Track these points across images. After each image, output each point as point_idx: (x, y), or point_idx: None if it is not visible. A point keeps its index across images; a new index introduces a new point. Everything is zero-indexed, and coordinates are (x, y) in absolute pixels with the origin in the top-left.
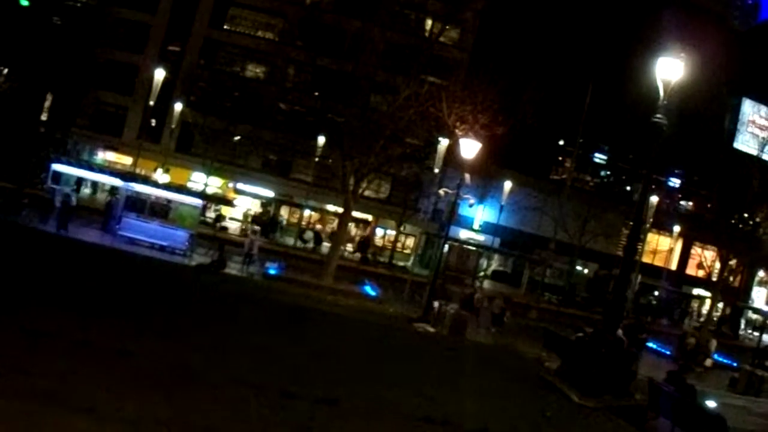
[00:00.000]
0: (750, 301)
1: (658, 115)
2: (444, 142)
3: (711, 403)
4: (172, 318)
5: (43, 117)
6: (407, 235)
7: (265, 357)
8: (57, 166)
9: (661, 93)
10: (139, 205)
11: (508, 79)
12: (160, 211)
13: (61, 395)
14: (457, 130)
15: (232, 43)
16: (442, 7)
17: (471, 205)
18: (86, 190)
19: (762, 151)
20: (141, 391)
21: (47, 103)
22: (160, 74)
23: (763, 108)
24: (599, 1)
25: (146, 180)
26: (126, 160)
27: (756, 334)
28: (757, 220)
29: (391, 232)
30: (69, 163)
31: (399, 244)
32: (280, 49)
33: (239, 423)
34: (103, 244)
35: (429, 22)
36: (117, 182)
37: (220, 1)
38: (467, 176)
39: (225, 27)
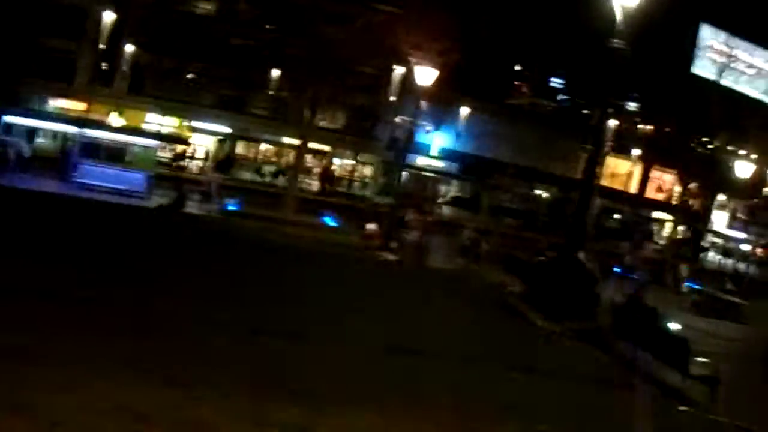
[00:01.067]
0: (710, 225)
1: (616, 40)
2: (399, 71)
3: (673, 326)
4: (133, 262)
5: None
6: (365, 164)
7: (229, 294)
8: (8, 118)
9: (618, 17)
10: (94, 150)
11: (462, 3)
12: (116, 155)
13: (25, 340)
14: (411, 58)
15: None
16: None
17: (428, 132)
18: (41, 140)
19: (720, 76)
20: (104, 337)
21: None
22: (108, 16)
23: (722, 34)
24: None
25: (100, 125)
26: (79, 107)
27: (716, 257)
28: (717, 144)
29: (349, 162)
30: (20, 114)
31: (357, 174)
32: None
33: (209, 362)
34: (59, 193)
35: None
36: (70, 129)
37: None
38: (423, 103)
39: None
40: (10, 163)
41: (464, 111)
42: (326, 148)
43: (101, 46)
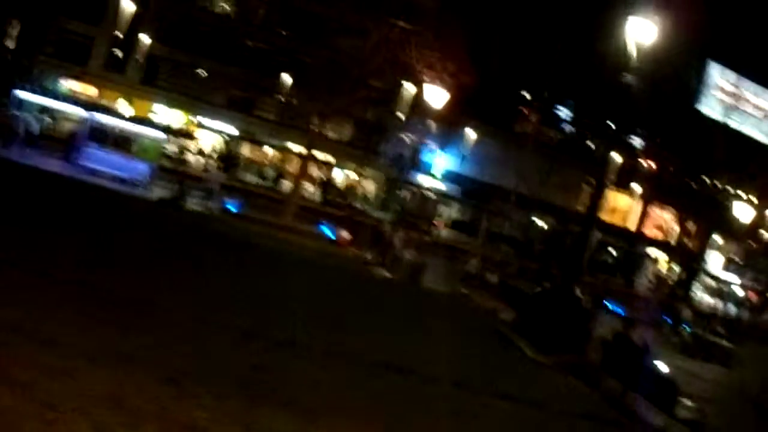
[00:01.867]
0: (705, 266)
1: (627, 75)
2: (410, 88)
3: (662, 367)
4: (133, 251)
5: (10, 44)
6: (368, 178)
7: (225, 296)
8: (21, 93)
9: (633, 54)
10: (102, 136)
11: (477, 28)
12: (123, 142)
13: (25, 328)
14: (423, 77)
15: None
16: None
17: (433, 152)
18: (51, 119)
19: (726, 117)
20: (100, 324)
21: (14, 31)
22: (128, 5)
23: (731, 74)
24: None
25: (110, 111)
26: (91, 91)
27: (707, 297)
28: (718, 185)
29: (352, 175)
30: (33, 91)
31: (359, 188)
32: None
33: (199, 360)
34: (64, 174)
35: None
36: (81, 112)
37: None
38: (431, 123)
39: None
40: (18, 138)
41: (470, 134)
42: (331, 158)
43: (118, 33)
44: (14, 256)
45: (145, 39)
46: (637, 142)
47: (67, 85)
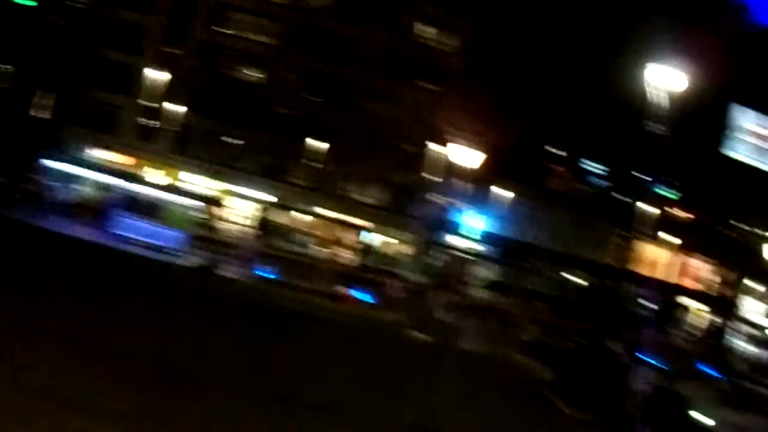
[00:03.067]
0: (743, 313)
1: (655, 125)
2: (441, 149)
3: (706, 420)
4: (167, 319)
5: (42, 114)
6: (401, 241)
7: (259, 361)
8: (53, 163)
9: (661, 102)
10: (135, 204)
11: (503, 87)
12: (156, 211)
13: (54, 391)
14: (454, 138)
15: (230, 46)
16: (435, 12)
17: (467, 213)
18: (84, 188)
19: (756, 158)
20: (134, 391)
21: (46, 101)
22: (157, 75)
23: (755, 116)
24: (590, 6)
25: (143, 180)
26: (123, 159)
27: (747, 346)
28: (748, 228)
29: (386, 239)
30: (65, 160)
31: (395, 251)
32: (278, 53)
33: (232, 427)
34: (97, 242)
35: (425, 29)
36: (114, 180)
37: (220, 4)
38: (463, 184)
39: (224, 30)
40: (51, 207)
41: (501, 193)
42: (363, 222)
43: (148, 103)
44: (49, 324)
45: (174, 107)
46: (669, 192)
47: (100, 154)
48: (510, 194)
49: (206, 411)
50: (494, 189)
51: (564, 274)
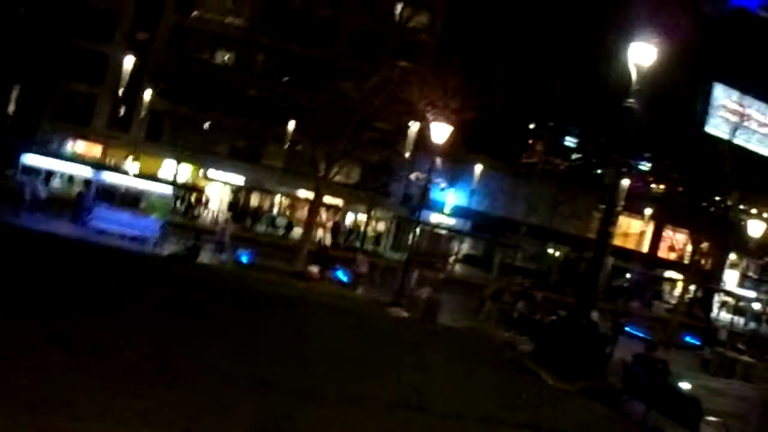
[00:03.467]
0: (722, 284)
1: (630, 100)
2: (414, 127)
3: (684, 385)
4: (145, 310)
5: (11, 108)
6: (378, 219)
7: (240, 347)
8: (27, 158)
9: (634, 78)
10: (109, 195)
11: (477, 63)
12: (132, 200)
13: (40, 391)
14: (427, 115)
15: (200, 29)
16: None
17: (442, 189)
18: (57, 182)
19: (733, 135)
20: (116, 385)
21: (15, 94)
22: (129, 62)
23: (734, 93)
24: None
25: (117, 169)
26: (96, 150)
27: (728, 315)
28: (729, 203)
29: (362, 217)
30: (39, 154)
31: (370, 229)
32: (249, 35)
33: (218, 415)
34: (73, 236)
35: (398, 7)
36: (87, 172)
37: None
38: (438, 160)
39: (194, 13)
40: (26, 204)
41: (478, 168)
42: (340, 202)
43: (120, 91)
44: (28, 322)
45: (147, 95)
46: (645, 165)
47: (73, 145)
48: (487, 169)
49: (190, 401)
50: (470, 164)
51: (544, 248)
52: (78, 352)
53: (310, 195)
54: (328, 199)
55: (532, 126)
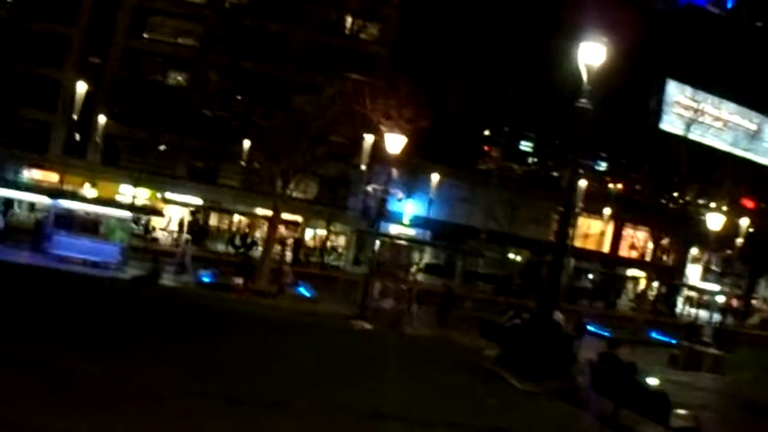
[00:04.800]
0: (684, 279)
1: (582, 100)
2: (369, 139)
3: (652, 380)
4: (110, 333)
5: None
6: (337, 233)
7: (207, 365)
8: None
9: (585, 78)
10: (68, 222)
11: (430, 71)
12: (90, 226)
13: (6, 417)
14: (381, 126)
15: (152, 51)
16: (361, 3)
17: (400, 200)
18: (17, 210)
19: (688, 130)
20: (86, 409)
21: None
22: (81, 87)
23: (687, 88)
24: None
25: (74, 196)
26: (53, 177)
27: (693, 310)
28: (687, 199)
29: (322, 232)
30: None
31: (330, 244)
32: (202, 55)
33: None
34: (34, 264)
35: (349, 20)
36: (44, 200)
37: (139, 10)
38: (394, 171)
39: (145, 36)
40: None
41: (435, 178)
42: (298, 218)
43: (74, 116)
44: None
45: (101, 119)
46: (602, 165)
47: (29, 174)
48: (444, 178)
49: (157, 420)
50: (427, 174)
51: (505, 254)
52: (41, 375)
53: (268, 212)
54: (286, 216)
55: (487, 132)
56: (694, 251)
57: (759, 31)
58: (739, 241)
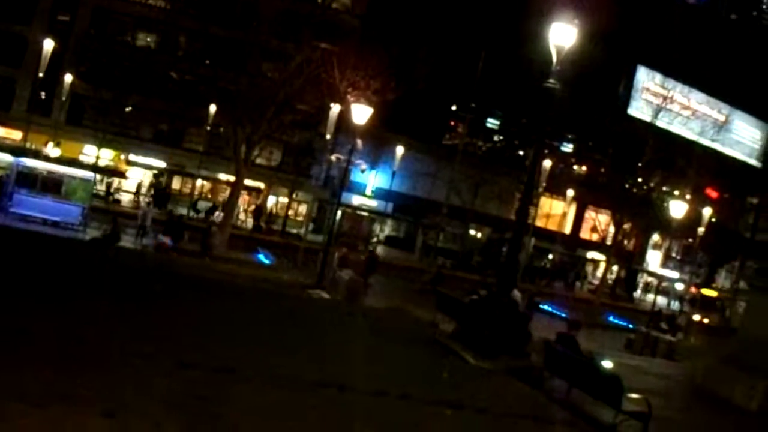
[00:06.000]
0: (644, 264)
1: (551, 81)
2: (335, 108)
3: (606, 363)
4: (66, 293)
5: None
6: (300, 202)
7: (160, 328)
8: None
9: (554, 58)
10: (30, 180)
11: (400, 44)
12: (52, 186)
13: None
14: (348, 96)
15: (122, 11)
16: None
17: (363, 171)
18: None
19: (656, 117)
20: (40, 368)
21: None
22: (48, 45)
23: (657, 75)
24: None
25: (37, 154)
26: (16, 135)
27: (651, 296)
28: (651, 185)
29: (284, 200)
30: None
31: (292, 212)
32: (172, 17)
33: (140, 394)
34: None
35: None
36: (7, 158)
37: None
38: (359, 142)
39: None
40: None
41: (399, 150)
42: (261, 185)
43: (41, 74)
44: None
45: (68, 78)
46: (567, 147)
47: None
48: (408, 151)
49: (110, 382)
50: (392, 146)
51: (466, 229)
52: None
53: (231, 178)
54: (249, 182)
55: (454, 107)
56: (655, 237)
57: (733, 24)
58: (701, 230)
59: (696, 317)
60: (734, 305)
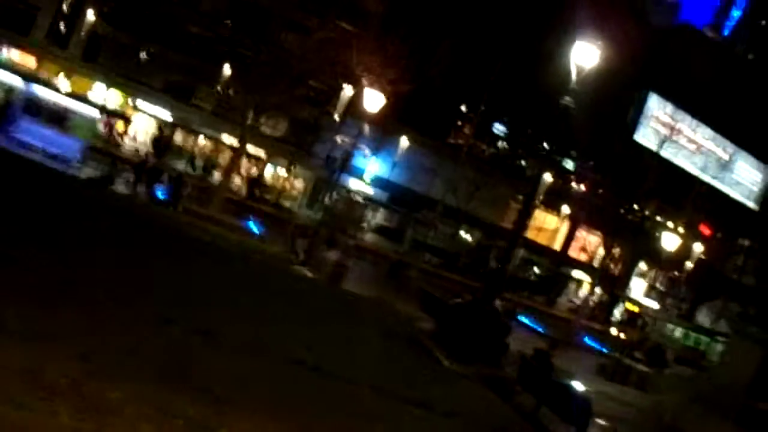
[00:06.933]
0: (627, 291)
1: (567, 98)
2: (348, 90)
3: (578, 386)
4: (59, 228)
5: None
6: (298, 176)
7: (146, 281)
8: None
9: (573, 76)
10: (37, 109)
11: (420, 37)
12: (58, 118)
13: None
14: (363, 80)
15: None
16: None
17: (366, 157)
18: None
19: (661, 146)
20: (23, 301)
21: None
22: None
23: (668, 105)
24: None
25: (48, 85)
26: (30, 61)
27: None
28: (647, 213)
29: (282, 173)
30: None
31: (288, 185)
32: None
33: (118, 344)
34: None
35: None
36: (17, 82)
37: None
38: (366, 127)
39: None
40: None
41: (404, 142)
42: (263, 153)
43: (63, 6)
44: None
45: (89, 15)
46: (569, 164)
47: (7, 53)
48: (412, 144)
49: (91, 327)
50: (397, 136)
51: (457, 230)
52: None
53: (234, 141)
54: (251, 149)
55: (463, 108)
56: (642, 266)
57: (750, 64)
58: (689, 265)
59: (613, 331)
60: (655, 324)
